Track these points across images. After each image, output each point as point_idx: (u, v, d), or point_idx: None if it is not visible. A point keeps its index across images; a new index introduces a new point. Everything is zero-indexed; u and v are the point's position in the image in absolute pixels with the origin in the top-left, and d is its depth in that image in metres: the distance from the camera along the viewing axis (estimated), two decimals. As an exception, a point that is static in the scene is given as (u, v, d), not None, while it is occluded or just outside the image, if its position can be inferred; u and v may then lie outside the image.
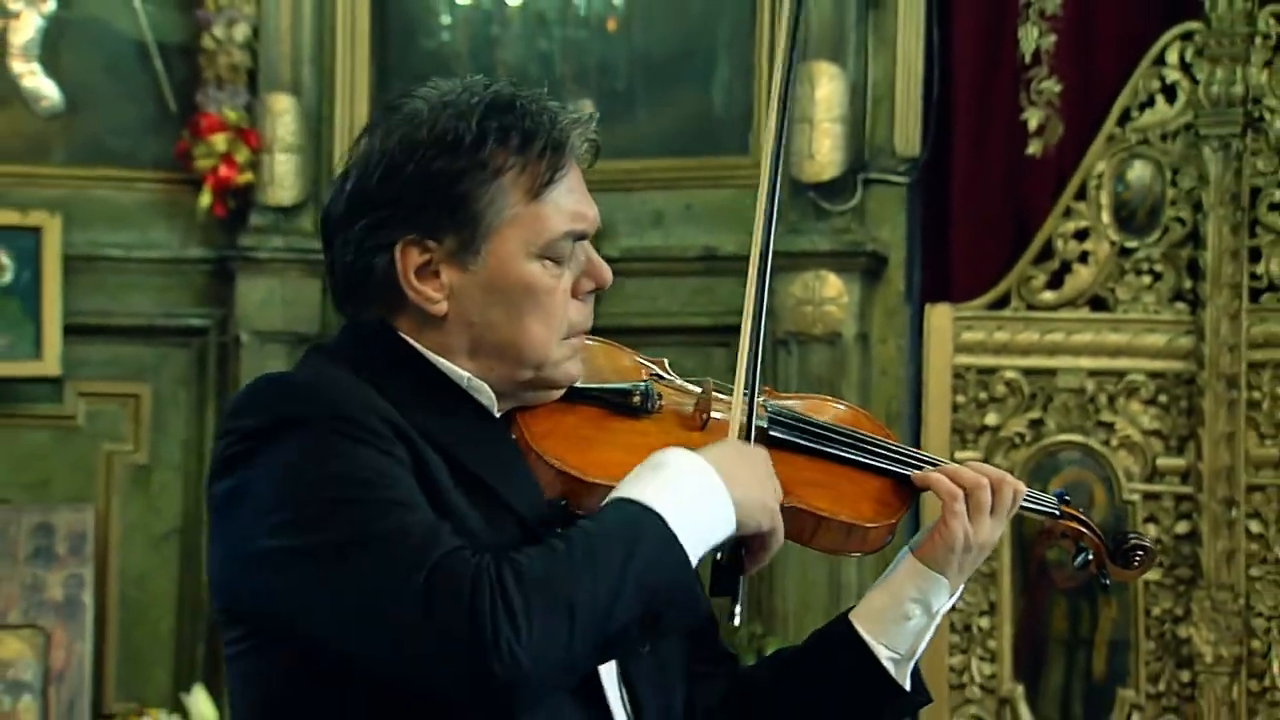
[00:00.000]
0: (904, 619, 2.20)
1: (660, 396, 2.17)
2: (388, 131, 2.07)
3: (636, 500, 1.94)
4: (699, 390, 2.19)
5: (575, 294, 2.10)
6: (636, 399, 2.15)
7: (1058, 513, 2.35)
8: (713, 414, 2.17)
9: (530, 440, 2.08)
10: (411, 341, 2.08)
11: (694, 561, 1.95)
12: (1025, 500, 2.33)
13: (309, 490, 1.93)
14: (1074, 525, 2.36)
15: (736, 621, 2.04)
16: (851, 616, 2.23)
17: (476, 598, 1.83)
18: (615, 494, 1.98)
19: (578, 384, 2.14)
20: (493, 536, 1.97)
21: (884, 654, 2.21)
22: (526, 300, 2.06)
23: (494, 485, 2.02)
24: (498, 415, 2.11)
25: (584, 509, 2.05)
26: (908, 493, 2.21)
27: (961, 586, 2.24)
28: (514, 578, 1.85)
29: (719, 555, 2.04)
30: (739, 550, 2.03)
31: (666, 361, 2.26)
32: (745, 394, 2.10)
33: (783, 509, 2.11)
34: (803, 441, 2.21)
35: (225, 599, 2.00)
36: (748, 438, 2.09)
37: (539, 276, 2.06)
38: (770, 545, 2.06)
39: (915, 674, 2.25)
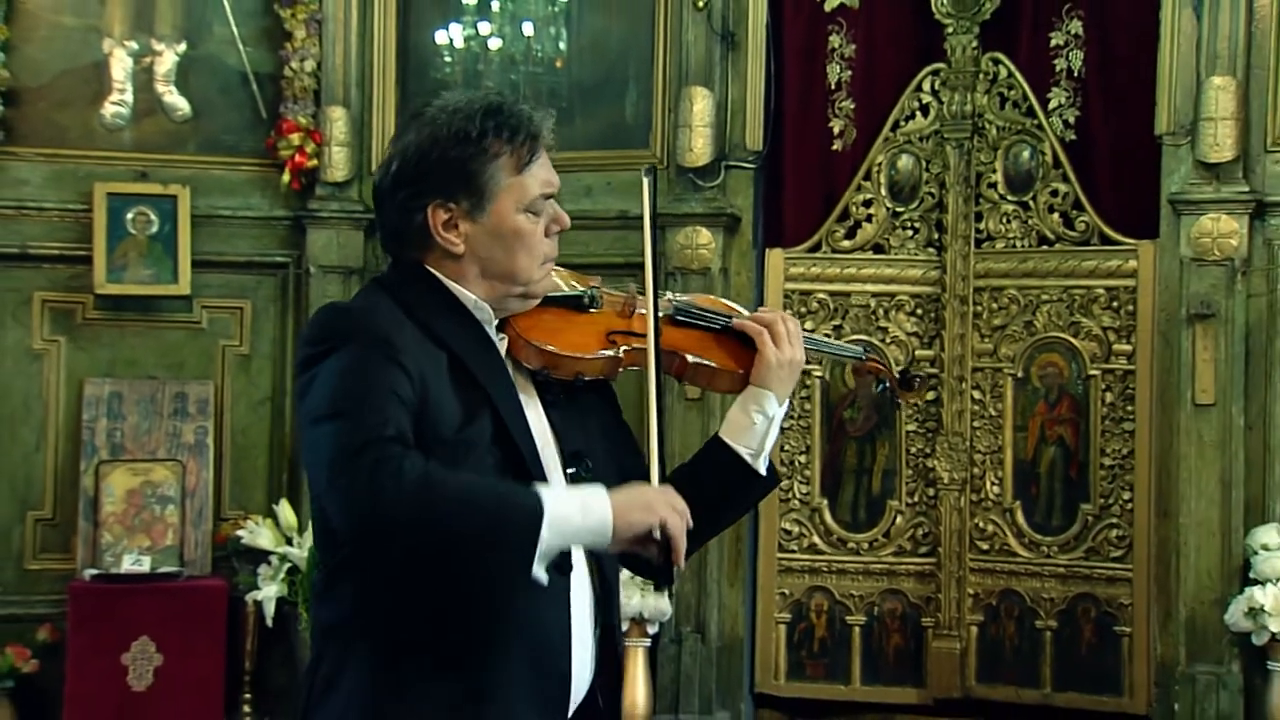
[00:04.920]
0: (751, 425, 2.48)
1: (602, 298, 2.44)
2: (418, 131, 2.27)
3: (539, 492, 2.12)
4: (625, 295, 2.49)
5: (546, 234, 2.33)
6: (586, 300, 2.43)
7: (864, 357, 2.76)
8: (637, 310, 2.45)
9: (521, 333, 2.32)
10: (436, 273, 2.29)
11: (545, 541, 2.07)
12: (845, 352, 2.76)
13: (342, 387, 2.14)
14: (875, 365, 2.75)
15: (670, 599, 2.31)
16: (719, 433, 2.53)
17: (379, 470, 2.03)
18: (541, 487, 2.13)
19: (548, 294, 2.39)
20: (470, 414, 2.20)
21: (744, 452, 2.49)
22: (517, 241, 2.29)
23: (478, 376, 2.24)
24: (494, 325, 2.31)
25: (559, 374, 2.34)
26: (754, 351, 2.49)
27: (788, 399, 2.50)
28: (419, 473, 2.04)
29: (655, 561, 2.23)
30: (666, 554, 2.21)
31: (599, 279, 2.52)
32: (654, 298, 2.36)
33: (692, 365, 2.44)
34: (696, 322, 2.51)
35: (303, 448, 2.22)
36: (657, 325, 2.33)
37: (524, 224, 2.29)
38: (675, 535, 2.19)
39: (770, 467, 2.53)
